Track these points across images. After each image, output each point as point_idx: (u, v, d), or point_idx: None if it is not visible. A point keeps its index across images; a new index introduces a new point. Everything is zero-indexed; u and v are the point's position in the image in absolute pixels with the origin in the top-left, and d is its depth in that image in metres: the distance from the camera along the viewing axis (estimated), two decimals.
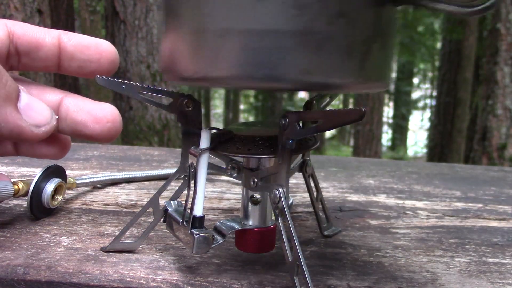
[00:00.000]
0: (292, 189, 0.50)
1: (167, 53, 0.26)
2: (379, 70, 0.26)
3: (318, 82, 0.24)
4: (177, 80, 0.26)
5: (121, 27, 3.36)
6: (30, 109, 0.29)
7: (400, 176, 0.59)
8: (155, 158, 0.64)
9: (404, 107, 9.91)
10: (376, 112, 4.57)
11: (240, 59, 0.23)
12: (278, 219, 0.26)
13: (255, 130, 0.30)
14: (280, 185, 0.26)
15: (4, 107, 0.27)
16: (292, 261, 0.25)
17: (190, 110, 0.31)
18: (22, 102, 0.28)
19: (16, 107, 0.28)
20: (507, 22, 3.22)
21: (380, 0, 0.25)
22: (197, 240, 0.27)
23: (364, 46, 0.24)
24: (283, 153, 0.26)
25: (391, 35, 0.27)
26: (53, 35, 0.32)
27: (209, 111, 9.95)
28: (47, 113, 0.30)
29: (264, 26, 0.23)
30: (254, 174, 0.29)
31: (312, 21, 0.23)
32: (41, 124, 0.29)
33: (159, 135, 3.41)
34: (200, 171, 0.28)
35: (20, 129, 0.28)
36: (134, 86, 0.30)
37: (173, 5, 0.25)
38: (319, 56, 0.23)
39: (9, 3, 1.81)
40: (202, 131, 0.29)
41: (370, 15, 0.24)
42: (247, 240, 0.30)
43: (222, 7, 0.23)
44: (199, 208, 0.28)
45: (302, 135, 0.26)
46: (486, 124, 3.24)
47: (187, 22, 0.25)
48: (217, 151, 0.29)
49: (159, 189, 0.32)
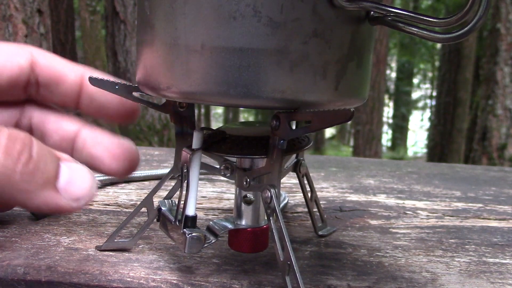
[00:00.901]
0: (292, 189, 0.50)
1: (142, 65, 0.26)
2: (355, 87, 0.26)
3: (293, 100, 0.24)
4: (152, 92, 0.26)
5: (121, 27, 3.36)
6: (70, 185, 0.26)
7: (400, 176, 0.59)
8: (155, 158, 0.64)
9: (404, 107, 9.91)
10: (376, 112, 4.57)
11: (213, 75, 0.23)
12: (269, 219, 0.26)
13: (249, 130, 0.30)
14: (271, 185, 0.26)
15: (42, 191, 0.25)
16: (283, 261, 0.26)
17: (183, 110, 0.31)
18: (62, 180, 0.26)
19: (55, 188, 0.25)
20: (507, 22, 3.22)
21: (355, 20, 0.25)
22: (189, 240, 0.27)
23: (339, 65, 0.24)
24: (275, 153, 0.26)
25: (367, 52, 0.27)
26: (77, 73, 0.31)
27: (209, 111, 9.96)
28: (88, 184, 0.27)
29: (239, 44, 0.23)
30: (246, 174, 0.29)
31: (286, 40, 0.23)
32: (81, 198, 0.26)
33: (159, 135, 3.41)
34: (192, 171, 0.28)
35: (57, 206, 0.26)
36: (127, 87, 0.30)
37: (148, 17, 0.25)
38: (294, 75, 0.23)
39: (9, 3, 1.81)
40: (194, 132, 0.29)
41: (346, 34, 0.24)
42: (240, 239, 0.30)
43: (197, 23, 0.23)
44: (191, 207, 0.28)
45: (293, 135, 0.26)
46: (486, 124, 3.24)
47: (162, 35, 0.25)
48: (210, 151, 0.29)
49: (153, 189, 0.32)
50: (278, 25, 0.23)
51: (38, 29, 1.92)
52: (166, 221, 0.29)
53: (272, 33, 0.23)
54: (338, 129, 10.55)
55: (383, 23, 0.25)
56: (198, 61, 0.23)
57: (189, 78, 0.24)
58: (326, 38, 0.24)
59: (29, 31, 1.87)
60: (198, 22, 0.23)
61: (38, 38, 1.91)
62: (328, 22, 0.23)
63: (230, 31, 0.23)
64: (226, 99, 0.24)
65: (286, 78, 0.23)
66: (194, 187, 0.28)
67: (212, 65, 0.23)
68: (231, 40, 0.23)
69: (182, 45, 0.24)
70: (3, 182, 0.23)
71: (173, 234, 0.28)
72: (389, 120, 10.61)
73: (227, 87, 0.23)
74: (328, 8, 0.23)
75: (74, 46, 4.12)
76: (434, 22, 0.22)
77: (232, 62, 0.23)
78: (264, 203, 0.27)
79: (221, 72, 0.23)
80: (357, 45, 0.25)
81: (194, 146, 0.28)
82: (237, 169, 0.30)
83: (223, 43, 0.23)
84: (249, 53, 0.23)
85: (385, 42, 4.46)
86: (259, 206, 0.30)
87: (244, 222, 0.30)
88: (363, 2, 0.23)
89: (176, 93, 0.25)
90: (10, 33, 1.83)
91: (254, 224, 0.30)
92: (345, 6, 0.23)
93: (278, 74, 0.23)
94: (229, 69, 0.23)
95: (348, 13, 0.24)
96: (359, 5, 0.23)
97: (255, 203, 0.30)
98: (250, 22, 0.22)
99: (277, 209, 0.26)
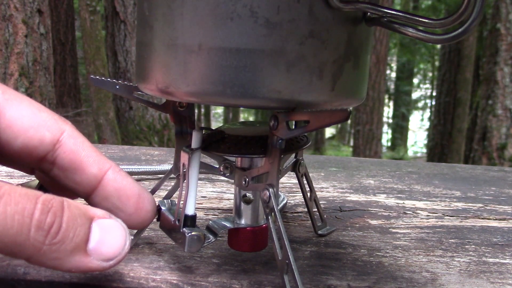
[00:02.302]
0: (292, 189, 0.50)
1: (142, 65, 0.26)
2: (352, 87, 0.26)
3: (289, 100, 0.24)
4: (151, 92, 0.26)
5: (121, 27, 3.36)
6: (101, 246, 0.25)
7: (400, 176, 0.59)
8: (155, 158, 0.64)
9: (404, 107, 9.91)
10: (376, 112, 4.57)
11: (210, 76, 0.23)
12: (268, 219, 0.26)
13: (248, 130, 0.30)
14: (270, 184, 0.27)
15: (72, 257, 0.24)
16: (281, 259, 0.26)
17: (183, 110, 0.31)
18: (92, 241, 0.25)
19: (85, 251, 0.24)
20: (507, 22, 3.22)
21: (352, 21, 0.25)
22: (188, 239, 0.27)
23: (335, 65, 0.24)
24: (273, 152, 0.26)
25: (364, 53, 0.27)
26: (101, 167, 0.28)
27: (209, 111, 9.96)
28: (120, 243, 0.26)
29: (236, 44, 0.23)
30: (246, 173, 0.29)
31: (283, 41, 0.23)
32: (112, 257, 0.25)
33: (159, 135, 3.41)
34: (191, 170, 0.28)
35: (88, 268, 0.25)
36: (127, 87, 0.30)
37: (147, 18, 0.25)
38: (290, 75, 0.23)
39: (9, 3, 1.81)
40: (193, 131, 0.29)
41: (342, 35, 0.24)
42: (240, 239, 0.30)
43: (194, 23, 0.23)
44: (191, 207, 0.28)
45: (291, 135, 0.26)
46: (486, 124, 3.24)
47: (160, 35, 0.25)
48: (209, 150, 0.29)
49: (153, 188, 0.32)
50: (275, 25, 0.23)
51: (38, 29, 1.92)
52: (166, 221, 0.29)
53: (268, 33, 0.23)
54: (338, 129, 10.56)
55: (380, 24, 0.25)
56: (196, 61, 0.23)
57: (186, 78, 0.24)
58: (323, 39, 0.24)
59: (29, 31, 1.87)
60: (195, 22, 0.23)
61: (38, 38, 1.92)
62: (324, 23, 0.23)
63: (227, 31, 0.23)
64: (223, 99, 0.24)
65: (282, 79, 0.23)
66: (194, 187, 0.28)
67: (209, 65, 0.23)
68: (228, 41, 0.23)
69: (180, 45, 0.24)
70: (32, 253, 0.23)
71: (173, 233, 0.28)
72: (389, 120, 10.60)
73: (224, 87, 0.23)
74: (324, 9, 0.23)
75: (74, 46, 4.12)
76: (430, 23, 0.22)
77: (229, 62, 0.23)
78: (262, 202, 0.27)
79: (217, 72, 0.23)
80: (353, 46, 0.25)
81: (193, 146, 0.28)
82: (236, 169, 0.30)
83: (220, 43, 0.23)
84: (246, 54, 0.23)
85: (385, 42, 4.46)
86: (259, 206, 0.30)
87: (244, 221, 0.30)
88: (359, 3, 0.23)
89: (175, 93, 0.25)
90: (10, 33, 1.83)
91: (253, 224, 0.30)
92: (341, 7, 0.23)
93: (274, 74, 0.23)
94: (226, 69, 0.23)
95: (344, 14, 0.24)
96: (355, 6, 0.23)
97: (254, 203, 0.30)
98: (247, 23, 0.22)
99: (276, 209, 0.26)
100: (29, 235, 0.22)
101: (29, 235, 0.22)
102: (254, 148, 0.28)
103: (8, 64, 1.86)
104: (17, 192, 0.23)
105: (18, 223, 0.22)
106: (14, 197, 0.22)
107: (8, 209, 0.22)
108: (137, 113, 3.39)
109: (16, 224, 0.22)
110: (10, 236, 0.22)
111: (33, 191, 0.24)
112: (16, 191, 0.23)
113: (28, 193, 0.23)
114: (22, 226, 0.22)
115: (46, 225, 0.23)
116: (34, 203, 0.23)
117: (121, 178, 0.28)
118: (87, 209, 0.26)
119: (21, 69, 1.89)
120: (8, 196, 0.22)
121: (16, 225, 0.22)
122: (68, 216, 0.24)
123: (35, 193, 0.23)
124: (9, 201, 0.22)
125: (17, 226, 0.22)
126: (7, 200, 0.22)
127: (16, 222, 0.22)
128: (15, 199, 0.22)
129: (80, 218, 0.25)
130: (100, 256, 0.25)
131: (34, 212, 0.23)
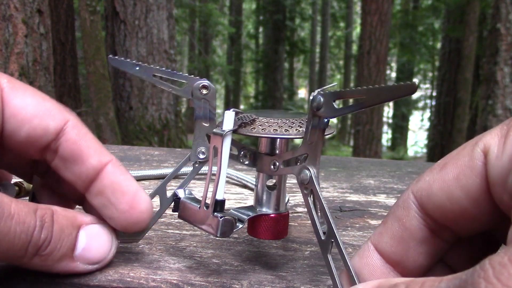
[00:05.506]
0: (292, 189, 0.50)
1: None
2: None
3: None
4: None
5: (121, 27, 3.36)
6: (87, 252, 0.27)
7: (400, 176, 0.59)
8: (155, 158, 0.64)
9: (404, 107, 9.91)
10: (376, 112, 4.57)
11: None
12: (307, 200, 0.26)
13: (277, 114, 0.30)
14: (310, 165, 0.26)
15: (59, 263, 0.26)
16: (325, 240, 0.25)
17: (205, 94, 0.30)
18: (79, 248, 0.27)
19: (72, 258, 0.27)
20: (507, 22, 3.22)
21: None
22: (222, 222, 0.27)
23: None
24: (316, 133, 0.26)
25: None
26: (101, 160, 0.28)
27: None
28: (105, 248, 0.28)
29: None
30: (275, 157, 0.28)
31: None
32: (97, 262, 0.28)
33: (159, 135, 3.41)
34: (223, 153, 0.27)
35: (75, 271, 0.27)
36: (148, 68, 0.29)
37: None
38: None
39: (9, 3, 1.81)
40: (226, 113, 0.28)
41: None
42: (262, 226, 0.29)
43: None
44: (221, 191, 0.27)
45: (340, 113, 0.25)
46: (486, 124, 3.24)
47: None
48: (239, 132, 0.28)
49: (167, 178, 0.31)
50: None
51: (38, 29, 1.92)
52: (187, 209, 0.29)
53: None
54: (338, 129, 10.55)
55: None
56: None
57: None
58: None
59: (29, 31, 1.87)
60: None
61: (38, 38, 1.92)
62: None
63: None
64: None
65: None
66: (224, 171, 0.27)
67: None
68: None
69: None
70: (25, 261, 0.25)
71: (199, 220, 0.28)
72: (389, 120, 10.60)
73: None
74: None
75: (74, 46, 4.12)
76: None
77: None
78: (300, 184, 0.26)
79: None
80: None
81: (225, 128, 0.28)
82: (260, 155, 0.29)
83: None
84: None
85: (385, 42, 4.45)
86: (281, 193, 0.30)
87: (265, 209, 0.30)
88: None
89: None
90: (10, 33, 1.82)
91: (275, 211, 0.30)
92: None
93: None
94: None
95: None
96: None
97: (277, 189, 0.30)
98: None
99: (318, 190, 0.26)
100: (27, 250, 0.25)
101: (27, 250, 0.25)
102: (288, 130, 0.28)
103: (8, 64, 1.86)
104: (23, 211, 0.24)
105: (22, 241, 0.24)
106: (21, 216, 0.24)
107: (18, 229, 0.24)
108: (137, 113, 3.39)
109: (20, 243, 0.24)
110: (13, 251, 0.24)
111: (31, 206, 0.25)
112: (22, 209, 0.24)
113: (30, 210, 0.25)
114: (24, 243, 0.24)
115: (40, 241, 0.25)
116: (35, 220, 0.25)
117: (120, 173, 0.28)
118: (75, 217, 0.27)
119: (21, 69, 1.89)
120: (17, 216, 0.24)
121: (20, 243, 0.24)
122: (56, 228, 0.26)
123: (33, 208, 0.25)
124: (18, 221, 0.24)
125: (21, 244, 0.24)
126: (17, 220, 0.24)
127: (21, 241, 0.24)
128: (22, 218, 0.24)
129: (67, 229, 0.26)
130: (85, 260, 0.27)
131: (35, 230, 0.25)
